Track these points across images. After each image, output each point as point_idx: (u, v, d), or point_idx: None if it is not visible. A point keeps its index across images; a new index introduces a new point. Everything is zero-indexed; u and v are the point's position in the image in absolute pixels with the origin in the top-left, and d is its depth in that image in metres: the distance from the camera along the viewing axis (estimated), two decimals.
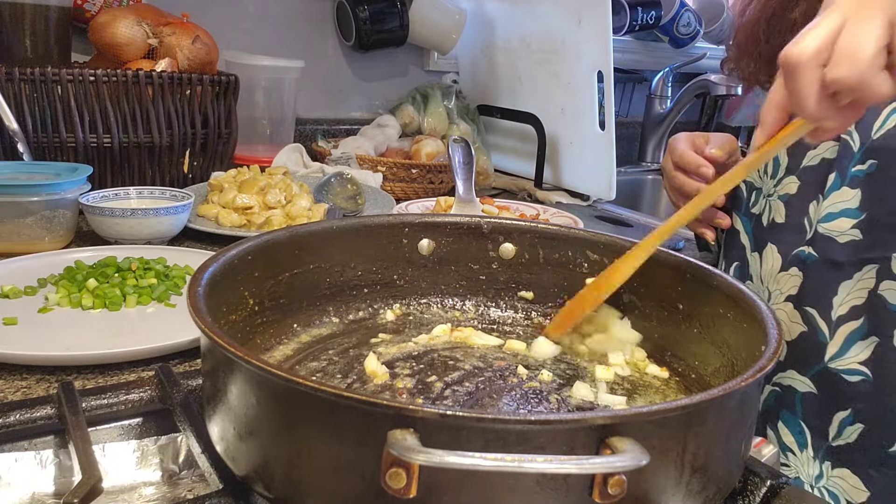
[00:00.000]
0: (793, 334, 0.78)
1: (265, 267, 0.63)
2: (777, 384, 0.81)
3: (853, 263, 0.73)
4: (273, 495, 0.44)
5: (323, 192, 1.26)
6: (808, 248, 0.77)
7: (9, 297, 0.83)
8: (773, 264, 0.81)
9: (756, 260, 0.84)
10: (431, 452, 0.36)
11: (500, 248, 0.74)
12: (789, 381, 0.80)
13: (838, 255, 0.74)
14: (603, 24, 1.45)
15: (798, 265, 0.78)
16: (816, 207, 0.77)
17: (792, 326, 0.78)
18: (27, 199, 0.98)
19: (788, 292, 0.79)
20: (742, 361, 0.56)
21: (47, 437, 0.56)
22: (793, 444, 0.80)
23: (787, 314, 0.79)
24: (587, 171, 1.58)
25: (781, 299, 0.80)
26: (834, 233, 0.74)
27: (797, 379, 0.79)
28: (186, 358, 0.74)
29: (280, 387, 0.42)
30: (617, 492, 0.38)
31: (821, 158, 0.77)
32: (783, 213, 0.80)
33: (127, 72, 1.19)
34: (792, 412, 0.80)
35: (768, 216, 0.82)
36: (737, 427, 0.46)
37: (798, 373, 0.79)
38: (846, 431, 0.76)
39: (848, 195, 0.73)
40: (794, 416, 0.80)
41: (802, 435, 0.80)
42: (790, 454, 0.81)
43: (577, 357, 0.66)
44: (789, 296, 0.79)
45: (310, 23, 1.73)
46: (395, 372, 0.61)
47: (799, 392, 0.79)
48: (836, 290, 0.74)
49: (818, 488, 0.78)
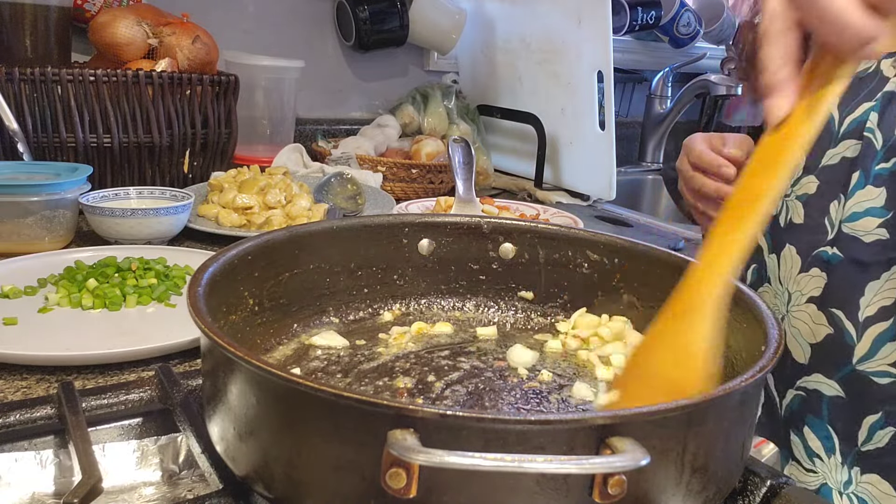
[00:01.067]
0: (817, 337, 0.76)
1: (265, 267, 0.63)
2: (802, 388, 0.79)
3: (881, 263, 0.72)
4: (273, 495, 0.44)
5: (323, 192, 1.26)
6: (832, 249, 0.75)
7: (9, 297, 0.83)
8: (792, 265, 0.80)
9: (774, 262, 0.82)
10: (431, 452, 0.36)
11: (500, 248, 0.74)
12: (815, 384, 0.78)
13: (864, 255, 0.72)
14: (603, 24, 1.45)
15: (820, 266, 0.76)
16: (839, 207, 0.75)
17: (816, 329, 0.76)
18: (27, 199, 0.98)
19: (811, 293, 0.77)
20: (742, 361, 0.56)
21: (47, 437, 0.56)
22: (820, 450, 0.78)
23: (811, 316, 0.77)
24: (587, 171, 1.58)
25: (803, 301, 0.78)
26: (859, 232, 0.73)
27: (823, 382, 0.77)
28: (186, 358, 0.74)
29: (280, 387, 0.42)
30: (617, 492, 0.38)
31: (841, 157, 0.75)
32: (801, 214, 0.79)
33: (127, 72, 1.19)
34: (818, 416, 0.78)
35: (786, 217, 0.81)
36: (737, 427, 0.46)
37: (824, 376, 0.77)
38: (877, 436, 0.74)
39: (873, 194, 0.72)
40: (820, 420, 0.78)
41: (830, 440, 0.77)
42: (817, 460, 0.79)
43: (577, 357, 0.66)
44: (812, 297, 0.77)
45: (310, 23, 1.73)
46: (395, 372, 0.61)
47: (826, 396, 0.77)
48: (862, 291, 0.73)
49: (847, 495, 0.76)
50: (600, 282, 0.70)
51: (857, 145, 0.74)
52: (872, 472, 0.75)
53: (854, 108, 0.75)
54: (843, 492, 0.77)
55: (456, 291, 0.74)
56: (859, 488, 0.76)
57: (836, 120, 0.77)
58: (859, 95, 0.75)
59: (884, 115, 0.72)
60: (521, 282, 0.74)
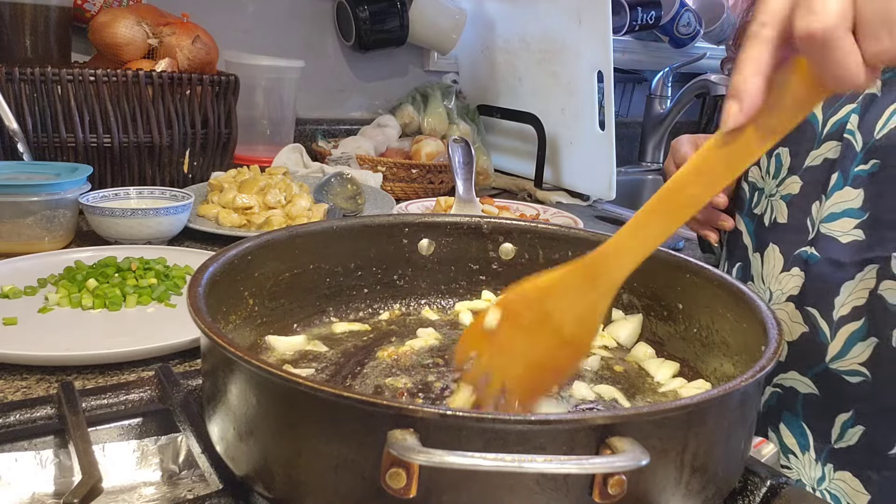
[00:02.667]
0: (794, 335, 0.78)
1: (265, 267, 0.63)
2: (779, 385, 0.81)
3: (855, 263, 0.73)
4: (273, 495, 0.44)
5: (323, 192, 1.26)
6: (811, 249, 0.76)
7: (9, 297, 0.83)
8: (774, 264, 0.81)
9: (758, 260, 0.83)
10: (431, 452, 0.36)
11: (500, 248, 0.74)
12: (791, 381, 0.79)
13: (840, 256, 0.74)
14: (603, 24, 1.45)
15: (800, 265, 0.78)
16: (819, 207, 0.76)
17: (793, 327, 0.78)
18: (27, 199, 0.98)
19: (790, 292, 0.78)
20: (742, 361, 0.56)
21: (47, 437, 0.56)
22: (794, 447, 0.80)
23: (789, 314, 0.78)
24: (587, 171, 1.58)
25: (783, 299, 0.79)
26: (836, 233, 0.74)
27: (798, 380, 0.79)
28: (186, 358, 0.74)
29: (280, 387, 0.42)
30: (617, 492, 0.38)
31: (823, 158, 0.76)
32: (785, 214, 0.80)
33: (127, 72, 1.19)
34: (794, 414, 0.80)
35: (770, 216, 0.82)
36: (737, 427, 0.46)
37: (799, 374, 0.78)
38: (848, 433, 0.75)
39: (851, 195, 0.73)
40: (796, 417, 0.80)
41: (804, 437, 0.79)
42: (791, 456, 0.80)
43: None
44: (791, 296, 0.78)
45: (310, 23, 1.73)
46: (395, 372, 0.61)
47: (801, 393, 0.79)
48: (837, 291, 0.74)
49: (820, 491, 0.78)
50: None
51: (838, 146, 0.75)
52: (844, 470, 0.76)
53: (837, 110, 0.76)
54: (817, 488, 0.78)
55: (456, 292, 0.74)
56: (832, 485, 0.77)
57: (819, 121, 0.77)
58: (842, 97, 0.76)
59: (864, 117, 0.73)
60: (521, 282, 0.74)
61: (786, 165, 0.80)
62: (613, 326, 0.69)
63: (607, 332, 0.68)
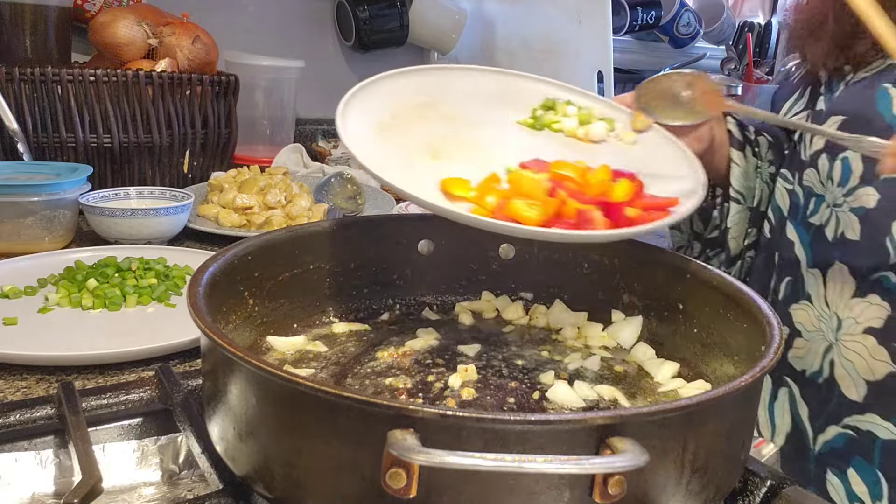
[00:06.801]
0: (876, 374, 0.70)
1: (265, 267, 0.63)
2: (851, 427, 0.73)
3: None
4: (273, 495, 0.44)
5: (323, 192, 1.26)
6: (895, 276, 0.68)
7: (9, 297, 0.83)
8: (843, 287, 0.72)
9: (817, 279, 0.75)
10: (431, 452, 0.36)
11: (500, 248, 0.73)
12: (868, 425, 0.71)
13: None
14: (603, 24, 1.45)
15: (881, 293, 0.69)
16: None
17: (875, 365, 0.70)
18: (27, 199, 0.98)
19: (869, 324, 0.70)
20: (742, 361, 0.56)
21: (47, 437, 0.56)
22: (864, 495, 0.73)
23: (869, 350, 0.70)
24: None
25: (859, 330, 0.71)
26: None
27: (879, 424, 0.71)
28: (186, 358, 0.74)
29: (280, 387, 0.42)
30: (617, 492, 0.38)
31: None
32: (857, 230, 0.71)
33: (127, 72, 1.19)
34: (868, 461, 0.72)
35: (835, 230, 0.73)
36: (737, 427, 0.46)
37: (882, 417, 0.71)
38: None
39: None
40: (870, 465, 0.72)
41: (878, 486, 0.72)
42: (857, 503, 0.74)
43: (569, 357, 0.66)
44: (871, 328, 0.70)
45: (310, 23, 1.73)
46: (395, 372, 0.61)
47: (880, 439, 0.71)
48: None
49: None
50: (600, 282, 0.70)
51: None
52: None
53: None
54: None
55: (456, 291, 0.74)
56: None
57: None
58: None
59: None
60: (520, 282, 0.74)
61: (856, 173, 0.71)
62: (613, 327, 0.68)
63: (607, 333, 0.68)
